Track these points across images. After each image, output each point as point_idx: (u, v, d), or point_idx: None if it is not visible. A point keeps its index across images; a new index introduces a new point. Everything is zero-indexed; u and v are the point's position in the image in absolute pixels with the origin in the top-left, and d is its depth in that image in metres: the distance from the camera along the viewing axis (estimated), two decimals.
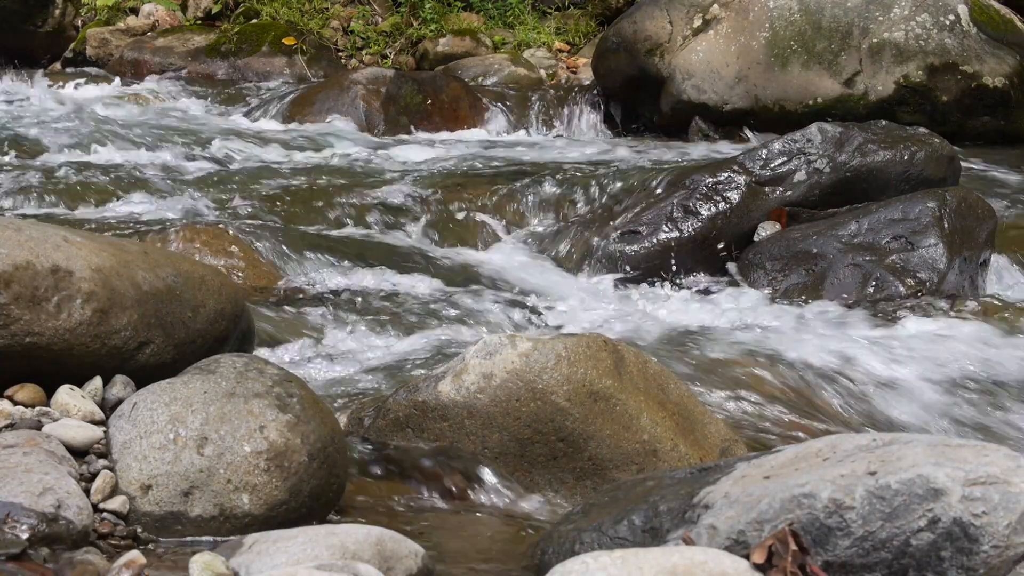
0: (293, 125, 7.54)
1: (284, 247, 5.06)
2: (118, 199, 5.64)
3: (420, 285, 4.86)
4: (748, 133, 7.19)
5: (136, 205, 5.59)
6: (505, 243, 5.49)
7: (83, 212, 5.45)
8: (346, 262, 5.07)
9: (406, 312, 4.57)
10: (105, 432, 2.81)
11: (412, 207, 5.70)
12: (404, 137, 7.37)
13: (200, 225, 5.08)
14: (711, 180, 5.39)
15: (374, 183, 5.93)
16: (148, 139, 6.75)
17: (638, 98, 7.58)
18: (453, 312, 4.60)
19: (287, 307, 4.57)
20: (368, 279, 4.95)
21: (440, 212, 5.66)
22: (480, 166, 6.23)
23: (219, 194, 5.79)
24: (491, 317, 4.62)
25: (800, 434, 3.64)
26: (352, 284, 4.89)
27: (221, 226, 5.08)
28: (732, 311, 4.79)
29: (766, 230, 5.30)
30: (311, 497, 2.81)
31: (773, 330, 4.45)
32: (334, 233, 5.38)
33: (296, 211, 5.60)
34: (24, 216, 5.28)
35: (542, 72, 8.54)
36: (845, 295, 4.90)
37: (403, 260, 5.18)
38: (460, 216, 5.64)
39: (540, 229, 5.56)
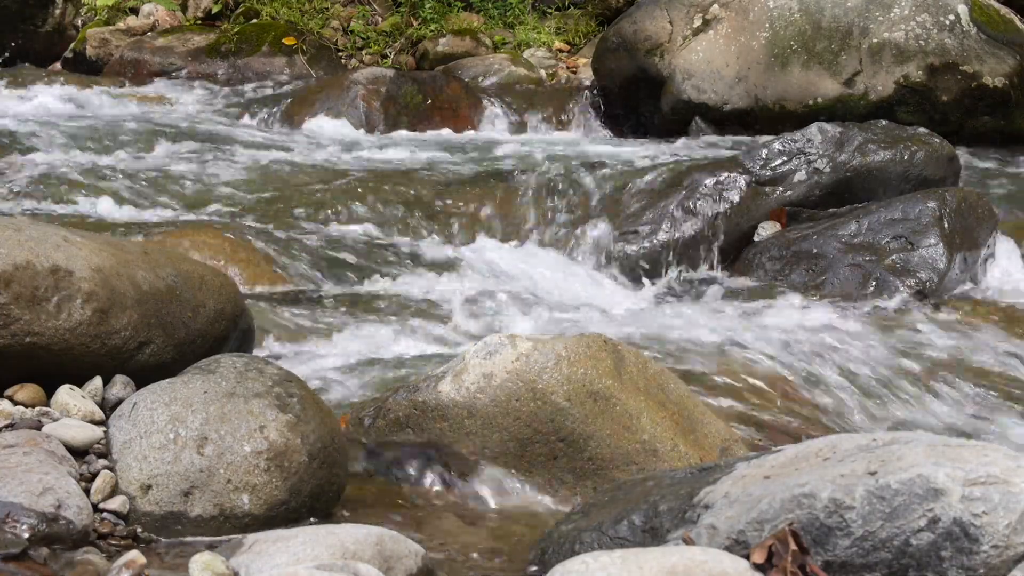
0: (293, 125, 7.53)
1: (284, 247, 5.06)
2: (118, 199, 5.64)
3: (419, 284, 4.86)
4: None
5: (136, 205, 5.59)
6: (505, 243, 5.49)
7: (83, 212, 5.45)
8: (346, 262, 5.07)
9: (406, 311, 4.57)
10: (105, 432, 2.81)
11: (412, 207, 5.69)
12: (404, 137, 7.36)
13: (200, 225, 5.08)
14: (711, 180, 5.39)
15: (374, 183, 5.93)
16: (148, 139, 6.75)
17: (638, 98, 7.57)
18: (453, 311, 4.60)
19: (287, 307, 4.57)
20: (368, 279, 4.95)
21: (439, 212, 5.66)
22: (480, 166, 6.23)
23: (219, 194, 5.79)
24: (491, 317, 4.62)
25: (800, 433, 3.64)
26: (352, 284, 4.89)
27: (221, 226, 5.08)
28: (731, 311, 4.79)
29: (766, 230, 5.30)
30: (311, 497, 2.82)
31: (772, 330, 4.45)
32: (334, 233, 5.38)
33: (296, 211, 5.60)
34: (24, 216, 5.28)
35: (542, 72, 8.53)
36: (845, 295, 4.90)
37: (402, 260, 5.18)
38: (460, 216, 5.64)
39: (540, 229, 5.56)
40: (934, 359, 4.26)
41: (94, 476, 2.71)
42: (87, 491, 2.67)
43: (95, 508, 2.66)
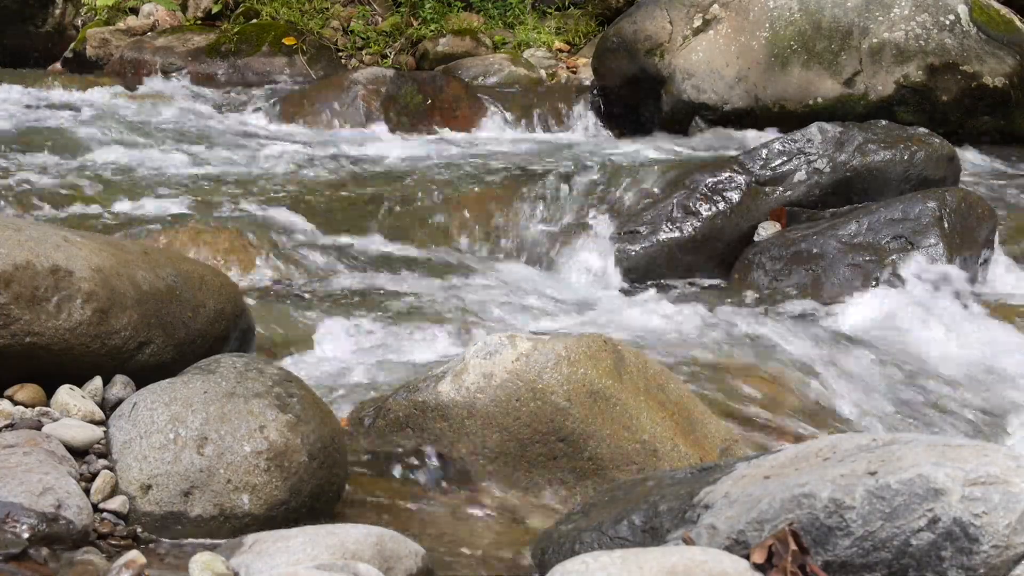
0: (293, 125, 7.54)
1: (285, 247, 5.06)
2: (118, 199, 5.64)
3: (419, 285, 4.86)
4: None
5: (136, 205, 5.59)
6: (505, 243, 5.49)
7: (83, 212, 5.44)
8: (346, 262, 5.07)
9: (406, 312, 4.57)
10: (105, 432, 2.81)
11: (411, 207, 5.70)
12: (404, 137, 7.37)
13: (201, 225, 5.08)
14: (711, 180, 5.39)
15: (374, 184, 5.93)
16: (148, 139, 6.75)
17: (638, 98, 7.57)
18: (453, 312, 4.60)
19: (287, 307, 4.57)
20: (368, 279, 4.95)
21: (439, 212, 5.66)
22: (479, 166, 6.23)
23: (219, 194, 5.78)
24: (491, 317, 4.62)
25: (800, 433, 3.64)
26: (352, 284, 4.89)
27: (222, 226, 5.08)
28: (731, 311, 4.79)
29: (766, 230, 5.30)
30: (311, 497, 2.82)
31: (773, 330, 4.45)
32: (334, 233, 5.38)
33: (296, 211, 5.60)
34: (25, 216, 5.28)
35: (542, 72, 8.53)
36: (845, 295, 4.90)
37: (402, 260, 5.18)
38: (459, 216, 5.64)
39: (540, 229, 5.56)
40: (935, 359, 4.26)
41: (94, 476, 2.71)
42: (87, 491, 2.67)
43: (95, 508, 2.67)
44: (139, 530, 2.69)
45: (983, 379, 4.16)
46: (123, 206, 5.58)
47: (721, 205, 5.33)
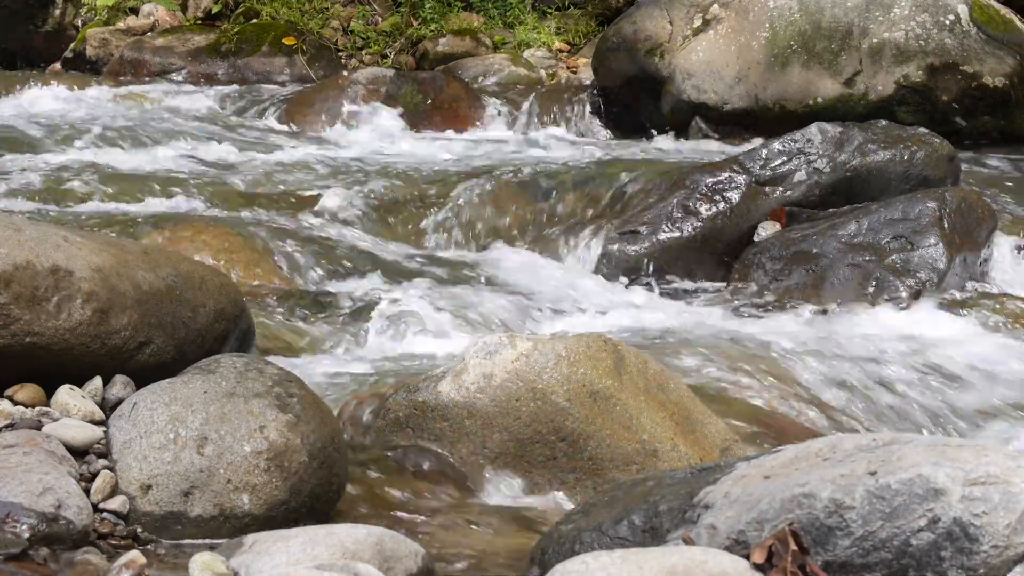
0: (293, 125, 7.54)
1: (285, 247, 5.06)
2: (118, 199, 5.64)
3: (419, 285, 4.86)
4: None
5: (136, 205, 5.59)
6: (504, 243, 5.49)
7: (83, 212, 5.44)
8: (346, 262, 5.07)
9: (406, 312, 4.56)
10: (105, 432, 2.81)
11: (411, 207, 5.70)
12: (403, 137, 7.36)
13: (201, 225, 5.08)
14: (711, 180, 5.39)
15: (372, 183, 5.93)
16: (148, 139, 6.75)
17: (638, 98, 7.57)
18: (453, 312, 4.60)
19: (288, 307, 4.57)
20: (368, 279, 4.95)
21: (439, 213, 5.66)
22: (480, 166, 6.23)
23: (219, 194, 5.79)
24: (491, 317, 4.61)
25: (800, 433, 3.64)
26: (352, 284, 4.89)
27: (222, 226, 5.08)
28: (731, 311, 4.79)
29: (766, 230, 5.30)
30: (311, 497, 2.82)
31: (772, 330, 4.45)
32: (334, 233, 5.38)
33: (296, 211, 5.61)
34: (26, 216, 5.28)
35: (542, 72, 8.53)
36: (845, 295, 4.90)
37: (402, 260, 5.18)
38: (459, 216, 5.64)
39: (540, 229, 5.56)
40: (935, 359, 4.26)
41: (94, 476, 2.71)
42: (87, 491, 2.67)
43: (95, 508, 2.67)
44: (139, 530, 2.69)
45: (982, 380, 4.16)
46: (123, 206, 5.58)
47: (721, 205, 5.33)
